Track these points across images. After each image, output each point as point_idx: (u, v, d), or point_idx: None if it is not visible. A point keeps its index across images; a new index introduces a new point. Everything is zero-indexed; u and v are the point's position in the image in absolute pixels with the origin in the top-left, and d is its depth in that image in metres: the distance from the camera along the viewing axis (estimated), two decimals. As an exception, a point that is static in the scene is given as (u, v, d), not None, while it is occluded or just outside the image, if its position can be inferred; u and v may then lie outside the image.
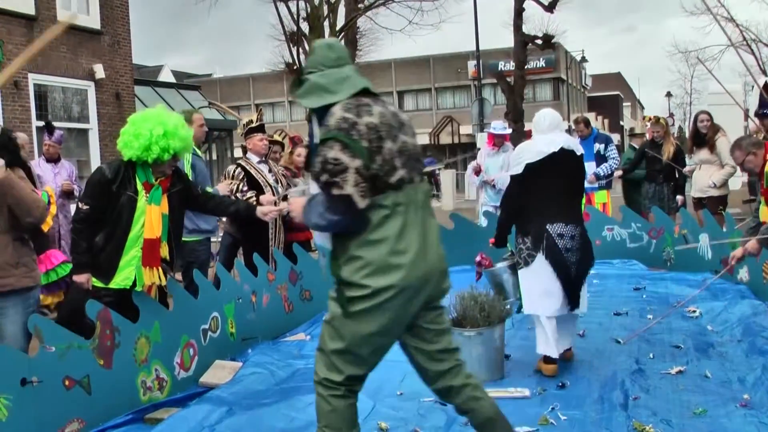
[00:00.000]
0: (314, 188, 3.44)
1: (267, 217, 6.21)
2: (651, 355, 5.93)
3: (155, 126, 5.05)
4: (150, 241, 5.23)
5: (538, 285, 5.60)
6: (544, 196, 5.60)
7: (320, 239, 3.62)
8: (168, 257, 5.40)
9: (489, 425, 3.73)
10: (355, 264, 3.35)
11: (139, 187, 5.21)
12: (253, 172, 7.32)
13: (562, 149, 5.62)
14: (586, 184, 11.07)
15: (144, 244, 5.22)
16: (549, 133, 5.78)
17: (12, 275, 4.82)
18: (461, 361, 3.74)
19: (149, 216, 5.22)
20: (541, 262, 5.56)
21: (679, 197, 10.84)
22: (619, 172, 11.52)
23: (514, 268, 5.90)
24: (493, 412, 3.73)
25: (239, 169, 7.36)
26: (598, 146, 11.27)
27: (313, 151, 3.46)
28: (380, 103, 3.51)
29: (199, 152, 7.41)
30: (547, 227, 5.54)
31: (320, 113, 3.49)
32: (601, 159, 11.20)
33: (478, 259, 6.19)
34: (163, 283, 5.39)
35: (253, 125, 7.48)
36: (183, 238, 5.99)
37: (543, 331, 5.63)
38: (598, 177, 11.13)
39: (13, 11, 15.56)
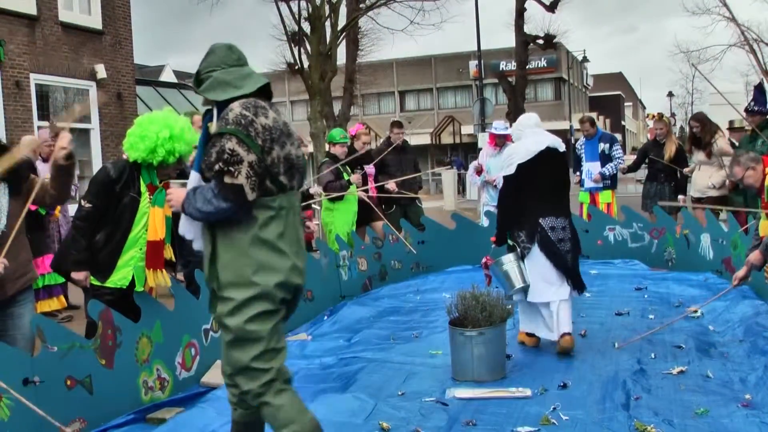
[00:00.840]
0: (194, 182, 3.58)
1: None
2: (653, 355, 5.93)
3: (161, 129, 5.06)
4: (154, 243, 5.24)
5: (536, 274, 6.09)
6: (536, 193, 6.13)
7: (186, 229, 3.72)
8: (173, 259, 5.41)
9: (250, 428, 3.91)
10: (242, 261, 3.50)
11: (143, 188, 5.23)
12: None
13: (548, 148, 6.16)
14: (591, 184, 11.15)
15: (147, 246, 5.24)
16: (536, 130, 6.33)
17: (30, 270, 4.96)
18: None
19: (153, 218, 5.24)
20: (536, 254, 6.08)
21: (681, 197, 10.83)
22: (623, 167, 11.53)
23: (516, 257, 6.17)
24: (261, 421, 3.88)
25: None
26: (603, 146, 11.28)
27: (203, 145, 3.58)
28: (275, 110, 3.67)
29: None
30: (540, 221, 6.09)
31: (220, 107, 3.63)
32: (606, 159, 11.20)
33: (483, 261, 6.40)
34: (168, 285, 5.40)
35: None
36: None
37: (547, 317, 6.12)
38: (603, 176, 11.14)
39: (15, 11, 15.57)
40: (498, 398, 5.11)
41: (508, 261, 6.19)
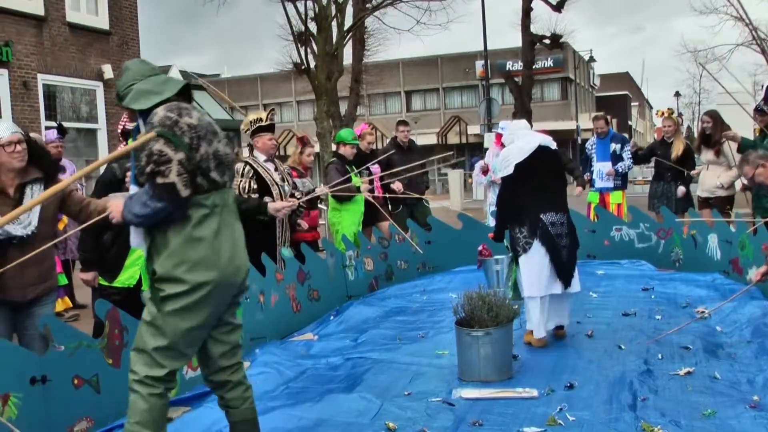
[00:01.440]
0: (133, 190, 3.69)
1: (279, 213, 6.23)
2: (660, 356, 5.91)
3: None
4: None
5: (535, 269, 6.29)
6: (535, 190, 6.36)
7: (136, 240, 3.78)
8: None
9: (244, 426, 4.04)
10: (174, 259, 3.58)
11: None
12: (260, 170, 7.30)
13: (540, 146, 6.41)
14: (602, 184, 11.12)
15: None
16: (527, 132, 6.68)
17: (52, 277, 5.13)
18: (242, 360, 4.13)
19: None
20: (537, 248, 6.28)
21: (681, 188, 10.74)
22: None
23: (505, 261, 6.63)
24: (251, 416, 4.07)
25: (248, 167, 7.33)
26: (615, 146, 11.26)
27: (135, 157, 3.66)
28: (197, 110, 3.78)
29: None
30: (541, 216, 6.30)
31: (145, 117, 3.72)
32: (616, 159, 11.19)
33: (480, 248, 6.88)
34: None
35: (263, 124, 7.42)
36: None
37: (536, 311, 6.31)
38: (616, 173, 11.10)
39: (23, 12, 15.61)
40: (504, 398, 5.10)
41: (494, 264, 6.72)
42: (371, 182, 9.70)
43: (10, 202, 4.76)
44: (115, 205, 3.77)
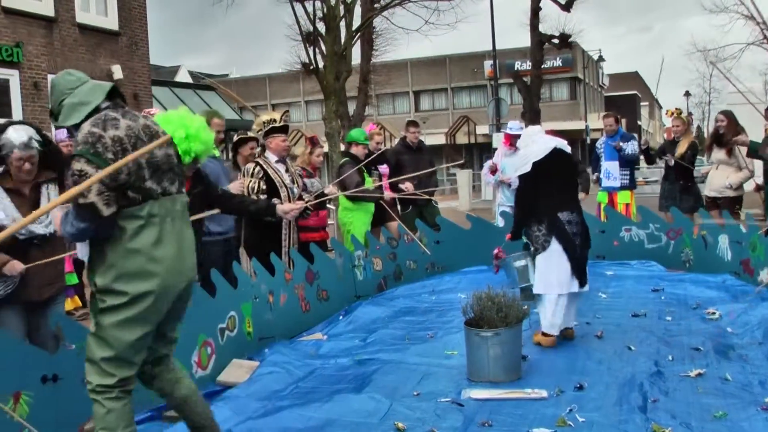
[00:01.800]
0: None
1: (288, 215, 6.23)
2: (670, 358, 5.89)
3: (177, 129, 5.04)
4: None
5: (554, 267, 6.36)
6: (552, 189, 6.48)
7: (81, 252, 3.78)
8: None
9: (185, 404, 4.08)
10: (112, 272, 3.59)
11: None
12: (270, 171, 7.30)
13: (555, 148, 6.55)
14: (609, 184, 11.06)
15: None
16: (543, 135, 6.77)
17: (62, 280, 5.28)
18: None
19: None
20: (555, 246, 6.35)
21: (668, 156, 10.70)
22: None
23: (524, 257, 6.61)
24: (190, 391, 4.11)
25: (258, 167, 7.33)
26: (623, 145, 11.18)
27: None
28: (130, 116, 3.75)
29: (216, 153, 7.38)
30: (558, 215, 6.40)
31: (78, 128, 3.70)
32: (624, 158, 11.09)
33: (495, 252, 6.79)
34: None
35: (276, 125, 7.41)
36: None
37: (551, 309, 6.36)
38: (622, 149, 10.96)
39: (33, 13, 15.66)
40: (514, 399, 5.09)
41: (522, 259, 6.60)
42: (380, 184, 9.69)
43: (26, 201, 4.86)
44: (56, 217, 3.79)
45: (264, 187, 7.18)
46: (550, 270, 6.36)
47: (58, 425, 4.35)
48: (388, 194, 9.45)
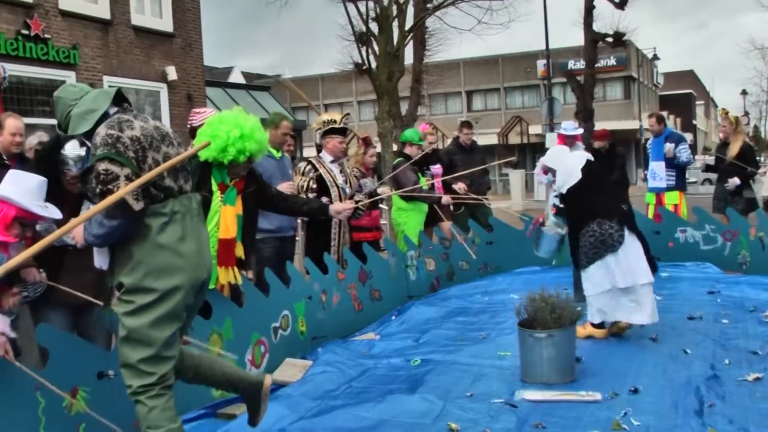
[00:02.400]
0: (85, 208, 3.90)
1: (340, 215, 6.26)
2: (727, 361, 5.79)
3: (232, 128, 5.10)
4: (225, 242, 5.33)
5: (633, 257, 6.45)
6: (607, 186, 6.85)
7: (99, 260, 3.84)
8: (243, 257, 5.48)
9: (196, 371, 4.18)
10: (141, 269, 3.66)
11: (214, 187, 5.30)
12: (322, 171, 7.33)
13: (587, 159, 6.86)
14: (655, 184, 10.91)
15: (219, 245, 5.32)
16: (568, 151, 7.18)
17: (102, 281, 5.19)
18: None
19: (224, 216, 5.32)
20: (630, 238, 6.45)
21: (734, 179, 10.46)
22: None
23: (556, 228, 7.16)
24: (195, 359, 4.20)
25: (309, 166, 7.37)
26: (669, 145, 11.01)
27: (85, 174, 3.76)
28: (141, 118, 3.84)
29: (275, 153, 7.42)
30: (623, 207, 6.67)
31: (90, 136, 3.79)
32: (671, 159, 10.91)
33: (537, 218, 7.32)
34: (239, 282, 5.47)
35: (336, 126, 7.45)
36: None
37: (621, 301, 6.47)
38: (672, 154, 10.78)
39: (90, 15, 15.95)
40: (567, 401, 5.06)
41: (554, 229, 7.18)
42: (433, 183, 9.69)
43: (66, 210, 4.88)
44: (77, 231, 3.83)
45: (314, 186, 7.22)
46: (631, 261, 6.41)
47: (114, 420, 4.42)
48: (445, 198, 9.43)
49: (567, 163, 6.75)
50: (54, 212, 4.32)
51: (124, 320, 3.71)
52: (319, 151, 7.69)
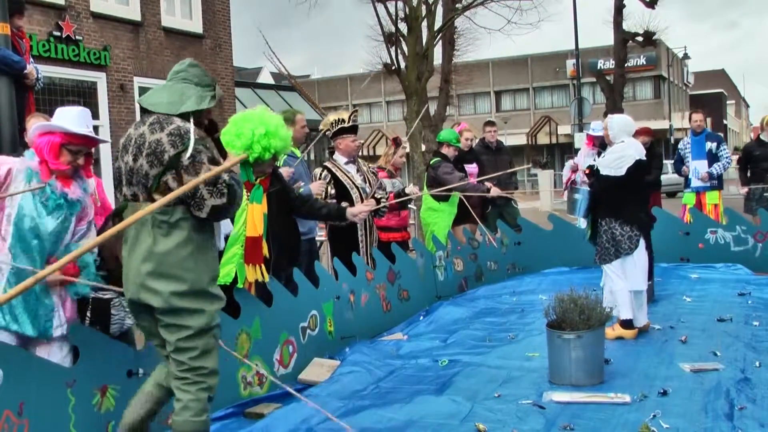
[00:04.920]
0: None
1: (357, 218, 6.22)
2: (757, 364, 5.72)
3: (257, 126, 5.12)
4: (252, 239, 5.34)
5: (641, 263, 6.79)
6: (639, 193, 6.93)
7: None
8: (268, 255, 5.50)
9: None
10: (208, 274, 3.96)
11: (241, 185, 5.30)
12: (339, 174, 7.22)
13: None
14: (698, 183, 10.84)
15: (247, 242, 5.33)
16: (633, 139, 6.99)
17: None
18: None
19: (251, 214, 5.33)
20: (642, 244, 6.75)
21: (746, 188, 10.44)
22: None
23: (582, 192, 7.33)
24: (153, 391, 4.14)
25: (325, 171, 7.26)
26: (710, 145, 10.93)
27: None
28: (137, 124, 3.96)
29: (297, 153, 7.43)
30: (641, 215, 6.88)
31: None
32: (712, 158, 10.86)
33: (569, 176, 7.93)
34: (266, 279, 5.48)
35: (345, 125, 7.32)
36: None
37: (637, 302, 6.77)
38: (711, 176, 10.80)
39: (121, 17, 16.11)
40: (596, 403, 5.03)
41: (579, 193, 7.42)
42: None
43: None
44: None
45: (332, 191, 7.12)
46: (638, 266, 6.75)
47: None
48: (494, 190, 9.33)
49: (624, 153, 6.80)
50: (98, 136, 4.43)
51: (190, 335, 3.85)
52: (331, 154, 7.57)
